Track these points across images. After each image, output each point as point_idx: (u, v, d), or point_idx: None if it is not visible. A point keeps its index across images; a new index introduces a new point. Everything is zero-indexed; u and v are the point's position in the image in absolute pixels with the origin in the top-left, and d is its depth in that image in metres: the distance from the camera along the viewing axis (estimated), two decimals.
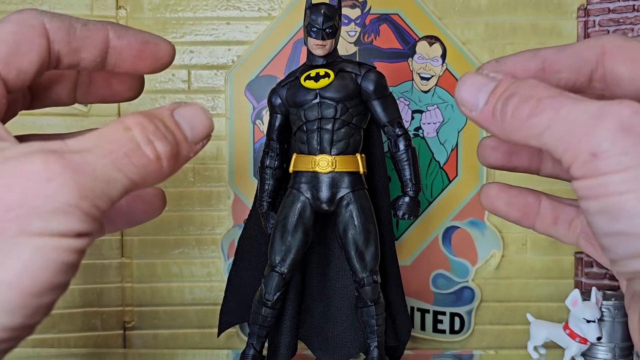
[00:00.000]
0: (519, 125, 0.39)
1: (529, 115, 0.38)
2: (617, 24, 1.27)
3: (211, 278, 1.33)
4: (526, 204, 0.51)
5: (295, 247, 0.99)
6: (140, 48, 0.48)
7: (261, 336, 1.01)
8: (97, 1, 1.28)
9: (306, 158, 0.99)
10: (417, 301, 1.32)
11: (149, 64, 0.49)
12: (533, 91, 0.39)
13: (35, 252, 0.33)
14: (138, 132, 0.37)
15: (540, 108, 0.37)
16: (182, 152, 0.40)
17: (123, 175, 0.36)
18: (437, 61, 1.31)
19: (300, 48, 1.30)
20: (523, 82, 0.40)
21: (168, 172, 0.39)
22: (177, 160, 0.40)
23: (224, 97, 1.31)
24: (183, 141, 0.40)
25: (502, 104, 0.40)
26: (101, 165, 0.35)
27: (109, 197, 0.36)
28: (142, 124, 0.38)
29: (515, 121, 0.39)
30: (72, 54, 0.44)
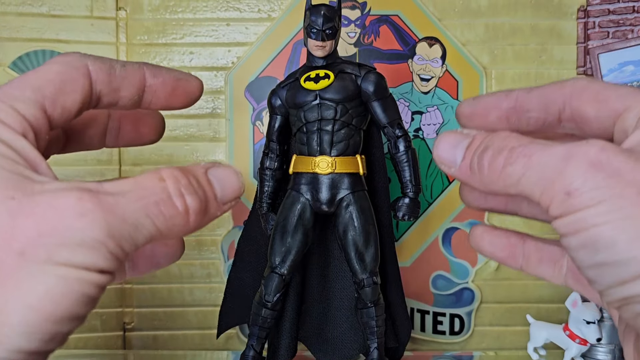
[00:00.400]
0: (496, 176, 0.41)
1: (504, 165, 0.40)
2: (617, 25, 1.27)
3: (211, 279, 1.33)
4: (509, 244, 0.53)
5: (295, 249, 0.99)
6: (173, 85, 0.50)
7: (261, 337, 1.01)
8: (97, 2, 1.29)
9: (306, 159, 0.99)
10: (417, 302, 1.32)
11: (182, 100, 0.51)
12: (505, 142, 0.41)
13: (59, 280, 0.34)
14: (171, 184, 0.39)
15: (514, 157, 0.39)
16: (210, 209, 0.42)
17: (151, 222, 0.38)
18: (437, 62, 1.31)
19: (300, 49, 1.30)
20: (495, 134, 0.42)
21: (193, 227, 0.41)
22: (204, 217, 0.41)
23: (224, 98, 1.31)
24: (212, 199, 0.42)
25: (478, 158, 0.42)
26: (132, 210, 0.37)
27: (134, 241, 0.37)
28: (176, 177, 0.40)
29: (492, 173, 0.41)
30: (112, 94, 0.46)
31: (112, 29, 1.30)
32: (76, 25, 1.29)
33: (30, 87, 0.41)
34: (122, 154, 1.31)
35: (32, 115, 0.40)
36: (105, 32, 1.30)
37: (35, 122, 0.40)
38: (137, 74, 0.47)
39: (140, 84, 0.47)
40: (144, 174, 0.39)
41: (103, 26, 1.29)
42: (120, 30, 1.30)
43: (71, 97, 0.43)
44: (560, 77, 1.31)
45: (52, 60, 0.43)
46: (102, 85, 0.44)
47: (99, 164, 1.29)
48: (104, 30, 1.30)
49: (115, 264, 0.37)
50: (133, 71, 0.46)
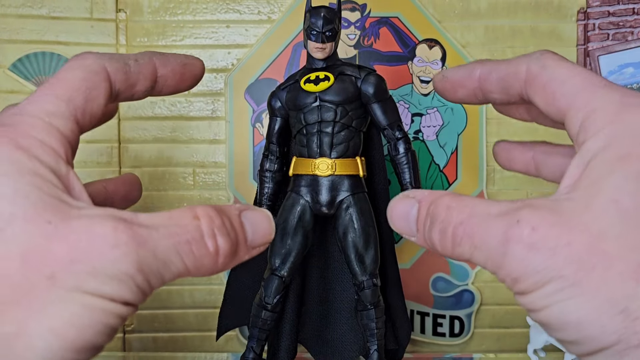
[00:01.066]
0: (449, 253, 0.41)
1: (452, 247, 0.41)
2: (617, 27, 1.27)
3: (211, 281, 1.33)
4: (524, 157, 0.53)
5: (295, 251, 0.99)
6: (182, 71, 0.50)
7: (261, 339, 1.01)
8: (96, 4, 1.29)
9: (306, 161, 0.99)
10: (417, 304, 1.32)
11: (189, 83, 0.52)
12: (447, 217, 0.41)
13: (85, 308, 0.34)
14: (205, 223, 0.39)
15: (458, 239, 0.40)
16: (240, 252, 0.43)
17: (180, 260, 0.38)
18: (437, 64, 1.31)
19: (300, 51, 1.30)
20: (437, 202, 0.42)
21: (220, 269, 0.41)
22: (233, 259, 0.42)
23: (224, 100, 1.31)
24: (243, 242, 0.43)
25: (427, 236, 0.43)
26: (164, 246, 0.37)
27: (161, 277, 0.37)
28: (211, 216, 0.40)
29: (445, 250, 0.41)
30: (129, 90, 0.47)
31: (112, 30, 1.30)
32: (76, 27, 1.29)
33: (63, 101, 0.41)
34: (122, 156, 1.31)
35: (70, 130, 0.41)
36: (105, 34, 1.30)
37: (71, 137, 0.41)
38: (149, 67, 0.47)
39: (153, 76, 0.48)
40: (179, 209, 0.40)
41: (103, 28, 1.30)
42: (120, 32, 1.30)
43: (97, 103, 0.43)
44: None
45: (71, 65, 0.43)
46: (120, 85, 0.45)
47: (99, 166, 1.29)
48: (104, 32, 1.30)
49: (140, 297, 0.37)
50: (145, 65, 0.47)
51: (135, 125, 1.31)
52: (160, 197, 1.31)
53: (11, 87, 1.27)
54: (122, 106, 1.30)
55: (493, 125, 1.31)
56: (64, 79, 0.42)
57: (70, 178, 0.40)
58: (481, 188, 1.31)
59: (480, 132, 1.30)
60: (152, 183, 1.31)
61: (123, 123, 1.31)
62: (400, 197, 0.45)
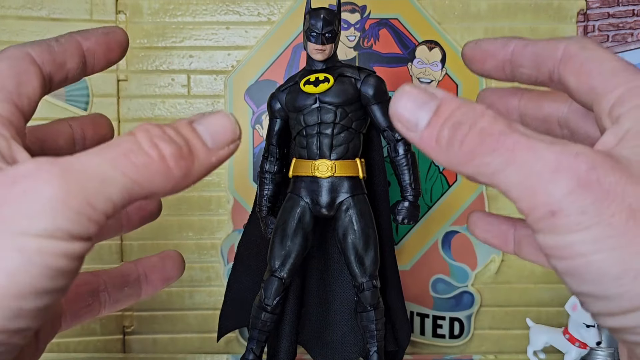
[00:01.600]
0: (467, 160, 0.37)
1: (480, 151, 0.36)
2: (617, 29, 1.27)
3: (211, 283, 1.33)
4: (501, 232, 0.52)
5: (295, 252, 0.98)
6: (106, 40, 0.50)
7: (261, 341, 1.01)
8: (96, 6, 1.29)
9: (306, 163, 0.99)
10: (417, 306, 1.32)
11: (117, 52, 0.51)
12: (483, 122, 0.37)
13: (17, 252, 0.32)
14: (141, 135, 0.37)
15: (493, 146, 0.36)
16: (199, 155, 0.39)
17: (121, 174, 0.35)
18: (437, 66, 1.31)
19: (299, 53, 1.30)
20: (470, 107, 0.38)
21: (179, 175, 0.38)
22: (191, 163, 0.39)
23: (224, 101, 1.31)
24: (199, 145, 0.39)
25: (449, 132, 0.38)
26: (95, 164, 0.35)
27: (106, 196, 0.34)
28: (148, 129, 0.38)
29: (463, 155, 0.37)
30: (60, 70, 0.46)
31: None
32: (76, 28, 1.26)
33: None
34: None
35: (9, 112, 0.41)
36: None
37: (11, 117, 0.41)
38: (72, 42, 0.47)
39: (79, 51, 0.47)
40: None
41: None
42: None
43: (30, 85, 0.43)
44: None
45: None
46: (49, 66, 0.45)
47: None
48: None
49: (89, 226, 0.34)
50: (68, 42, 0.47)
51: (135, 127, 1.31)
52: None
53: None
54: (121, 107, 1.30)
55: None
56: None
57: (13, 150, 0.39)
58: (481, 189, 1.31)
59: None
60: None
61: (123, 125, 1.31)
62: (418, 86, 0.40)
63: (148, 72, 1.31)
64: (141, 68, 1.31)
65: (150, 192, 0.37)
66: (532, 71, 0.45)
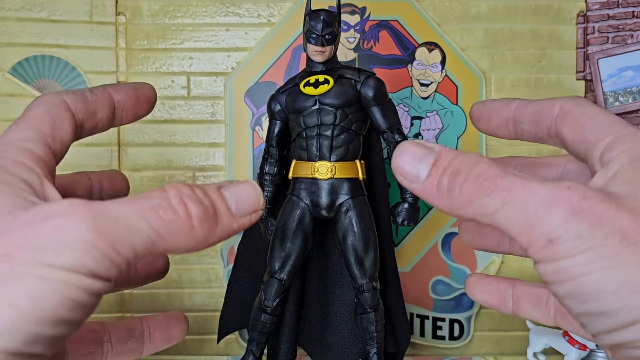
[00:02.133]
0: (468, 203, 0.40)
1: (479, 194, 0.39)
2: (617, 31, 1.28)
3: (210, 284, 1.33)
4: (499, 291, 0.54)
5: (295, 254, 0.98)
6: (136, 94, 0.53)
7: (260, 342, 1.01)
8: (96, 8, 1.29)
9: (305, 164, 0.99)
10: (417, 307, 1.32)
11: (145, 106, 0.55)
12: (479, 168, 0.40)
13: (42, 280, 0.34)
14: (172, 193, 0.40)
15: (491, 188, 0.39)
16: (223, 219, 0.42)
17: (147, 225, 0.37)
18: (437, 67, 1.31)
19: (299, 54, 1.30)
20: (465, 155, 0.42)
21: (201, 235, 0.41)
22: (214, 225, 0.41)
23: (223, 103, 1.31)
24: (224, 210, 0.42)
25: (449, 180, 0.41)
26: (126, 212, 0.37)
27: (131, 244, 0.37)
28: (179, 188, 0.40)
29: (463, 200, 0.40)
30: (91, 118, 0.49)
31: (112, 34, 1.30)
32: (75, 30, 1.29)
33: (31, 130, 0.44)
34: (122, 159, 1.31)
35: (42, 152, 0.43)
36: (104, 37, 1.30)
37: (45, 157, 0.43)
38: (105, 94, 0.50)
39: (110, 102, 0.50)
40: None
41: (102, 31, 1.30)
42: (119, 36, 1.30)
43: (64, 130, 0.46)
44: (560, 82, 1.31)
45: (34, 103, 0.47)
46: (82, 113, 0.48)
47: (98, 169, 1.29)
48: (104, 35, 1.30)
49: (110, 268, 0.36)
50: (101, 93, 0.50)
51: (135, 129, 1.31)
52: None
53: (11, 90, 1.27)
54: None
55: None
56: (30, 116, 0.45)
57: (45, 188, 0.41)
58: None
59: (480, 136, 1.30)
60: (152, 186, 1.31)
61: (123, 126, 1.30)
62: (416, 142, 0.45)
63: (148, 73, 1.31)
64: (141, 70, 1.31)
65: (171, 248, 0.39)
66: (532, 127, 0.49)
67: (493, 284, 0.55)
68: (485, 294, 0.55)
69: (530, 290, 0.54)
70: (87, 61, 1.29)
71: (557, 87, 1.31)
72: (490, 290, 0.55)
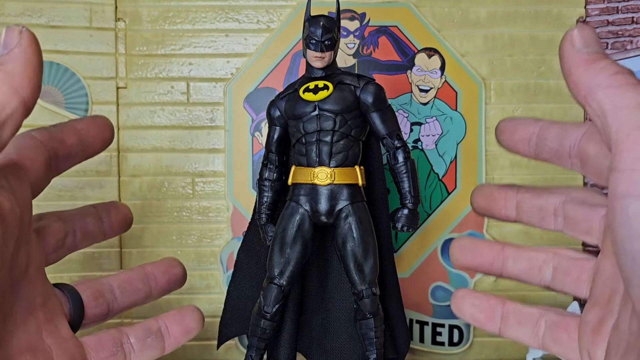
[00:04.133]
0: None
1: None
2: (616, 36, 1.28)
3: (210, 290, 1.33)
4: (489, 306, 0.54)
5: (294, 260, 0.98)
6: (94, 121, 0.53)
7: (260, 348, 1.01)
8: (95, 14, 1.29)
9: (305, 170, 0.99)
10: (416, 313, 1.32)
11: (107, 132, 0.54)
12: None
13: None
14: None
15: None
16: None
17: None
18: (436, 73, 1.31)
19: (299, 60, 1.30)
20: None
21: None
22: None
23: (223, 109, 1.31)
24: None
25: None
26: None
27: None
28: None
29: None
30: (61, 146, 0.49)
31: (111, 39, 1.30)
32: (75, 36, 1.29)
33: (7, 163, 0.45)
34: (121, 165, 1.31)
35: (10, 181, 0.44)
36: (104, 43, 1.30)
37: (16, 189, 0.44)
38: (66, 123, 0.50)
39: (74, 129, 0.51)
40: None
41: (102, 37, 1.30)
42: (119, 41, 1.30)
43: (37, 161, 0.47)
44: (560, 88, 1.31)
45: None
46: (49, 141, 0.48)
47: (98, 175, 1.29)
48: (103, 41, 1.30)
49: None
50: (63, 124, 0.50)
51: (135, 134, 1.31)
52: (160, 206, 1.31)
53: None
54: (121, 115, 1.30)
55: (492, 134, 1.31)
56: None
57: None
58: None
59: (480, 141, 1.30)
60: (151, 192, 1.31)
61: (122, 132, 1.31)
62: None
63: (147, 79, 1.31)
64: (140, 75, 1.31)
65: None
66: (554, 144, 0.49)
67: (483, 298, 0.55)
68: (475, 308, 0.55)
69: (520, 309, 0.54)
70: (86, 67, 1.29)
71: (556, 93, 1.31)
72: (480, 304, 0.55)
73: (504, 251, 0.55)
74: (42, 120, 1.28)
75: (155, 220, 1.31)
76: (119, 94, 1.30)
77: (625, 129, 0.36)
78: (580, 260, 0.49)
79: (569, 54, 0.42)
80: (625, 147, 0.36)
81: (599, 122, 0.39)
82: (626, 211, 0.35)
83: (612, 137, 0.37)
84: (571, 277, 0.50)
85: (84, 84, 1.29)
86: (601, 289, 0.45)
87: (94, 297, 0.55)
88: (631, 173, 0.35)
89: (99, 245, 1.11)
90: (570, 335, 0.47)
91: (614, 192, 0.36)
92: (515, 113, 1.30)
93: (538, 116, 1.29)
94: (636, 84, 0.38)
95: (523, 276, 0.55)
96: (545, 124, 0.49)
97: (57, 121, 1.25)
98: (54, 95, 1.28)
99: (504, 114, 1.30)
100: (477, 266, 0.57)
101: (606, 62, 0.39)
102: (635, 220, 0.35)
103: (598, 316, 0.44)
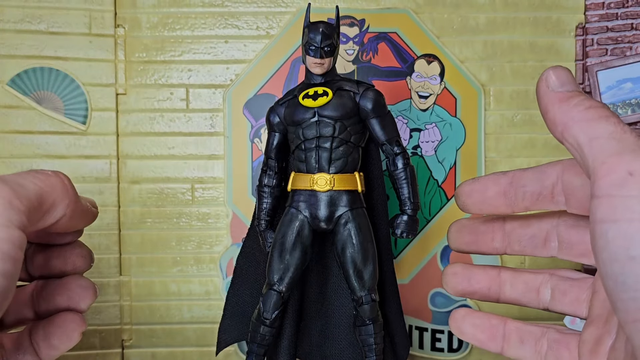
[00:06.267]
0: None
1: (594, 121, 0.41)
2: (616, 43, 1.28)
3: (209, 296, 1.32)
4: (490, 326, 0.54)
5: (294, 266, 0.98)
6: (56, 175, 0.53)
7: (259, 355, 1.01)
8: (95, 20, 1.29)
9: (304, 176, 0.99)
10: (416, 319, 1.32)
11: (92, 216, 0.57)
12: None
13: None
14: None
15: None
16: None
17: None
18: (436, 79, 1.31)
19: (298, 66, 1.30)
20: None
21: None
22: None
23: (222, 115, 1.31)
24: None
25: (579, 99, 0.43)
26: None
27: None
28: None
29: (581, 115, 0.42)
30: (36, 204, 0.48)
31: (111, 46, 1.30)
32: (74, 42, 1.29)
33: None
34: (121, 171, 1.31)
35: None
36: (103, 50, 1.30)
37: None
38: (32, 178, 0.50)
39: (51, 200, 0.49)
40: None
41: (101, 43, 1.30)
42: (118, 48, 1.30)
43: None
44: None
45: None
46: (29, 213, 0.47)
47: (97, 182, 1.29)
48: (103, 47, 1.30)
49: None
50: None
51: (134, 141, 1.31)
52: (159, 212, 1.31)
53: (10, 102, 1.27)
54: (120, 121, 1.30)
55: (491, 140, 1.31)
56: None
57: None
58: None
59: (479, 148, 1.30)
60: (151, 198, 1.31)
61: (122, 139, 1.31)
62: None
63: (147, 86, 1.31)
64: (140, 82, 1.31)
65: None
66: (534, 187, 0.50)
67: (484, 318, 0.55)
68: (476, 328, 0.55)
69: (522, 328, 0.54)
70: (86, 73, 1.29)
71: None
72: (481, 324, 0.55)
73: (500, 276, 0.55)
74: (41, 126, 1.28)
75: (155, 227, 1.31)
76: (119, 101, 1.30)
77: (600, 158, 0.38)
78: (578, 280, 0.50)
79: (544, 94, 0.43)
80: (602, 174, 0.37)
81: (577, 155, 0.40)
82: (605, 236, 0.36)
83: (589, 167, 0.38)
84: (570, 298, 0.50)
85: (84, 91, 1.29)
86: (599, 309, 0.45)
87: None
88: (608, 199, 0.36)
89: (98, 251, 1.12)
90: (572, 354, 0.47)
91: (594, 217, 0.37)
92: (514, 119, 1.30)
93: (537, 122, 1.29)
94: (609, 115, 0.39)
95: (522, 299, 0.55)
96: (517, 173, 0.50)
97: (56, 128, 1.25)
98: (54, 102, 1.28)
99: (503, 120, 1.30)
100: (474, 292, 0.57)
101: (580, 98, 0.41)
102: (614, 244, 0.36)
103: (596, 336, 0.44)
